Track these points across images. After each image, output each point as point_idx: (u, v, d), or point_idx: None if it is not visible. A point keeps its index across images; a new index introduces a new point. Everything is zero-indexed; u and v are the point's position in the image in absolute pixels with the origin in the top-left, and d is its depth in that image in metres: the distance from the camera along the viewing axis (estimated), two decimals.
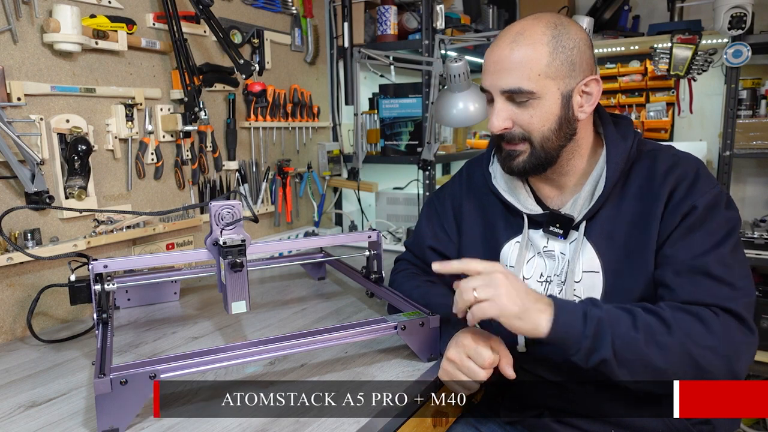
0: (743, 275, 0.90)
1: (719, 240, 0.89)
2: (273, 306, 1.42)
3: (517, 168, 0.99)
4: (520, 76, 0.92)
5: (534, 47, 0.92)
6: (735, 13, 1.79)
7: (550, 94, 0.93)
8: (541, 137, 0.96)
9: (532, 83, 0.92)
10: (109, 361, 0.87)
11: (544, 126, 0.95)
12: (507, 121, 0.96)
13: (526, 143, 0.97)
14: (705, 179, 0.93)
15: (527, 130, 0.96)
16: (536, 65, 0.92)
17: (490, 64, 0.96)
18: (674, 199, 0.93)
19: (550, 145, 0.96)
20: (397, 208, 2.23)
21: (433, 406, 1.08)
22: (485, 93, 0.99)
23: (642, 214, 0.95)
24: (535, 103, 0.93)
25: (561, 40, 0.92)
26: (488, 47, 0.98)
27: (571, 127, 0.97)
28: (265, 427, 0.85)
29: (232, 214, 1.10)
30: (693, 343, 0.83)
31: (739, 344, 0.86)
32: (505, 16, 2.52)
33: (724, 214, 0.92)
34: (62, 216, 1.32)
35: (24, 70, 1.23)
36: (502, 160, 1.03)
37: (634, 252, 0.95)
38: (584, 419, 1.02)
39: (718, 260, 0.88)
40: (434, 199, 1.26)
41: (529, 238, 1.05)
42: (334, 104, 2.23)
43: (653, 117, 2.35)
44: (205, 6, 1.52)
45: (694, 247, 0.90)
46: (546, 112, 0.94)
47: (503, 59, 0.93)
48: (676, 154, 0.98)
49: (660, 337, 0.83)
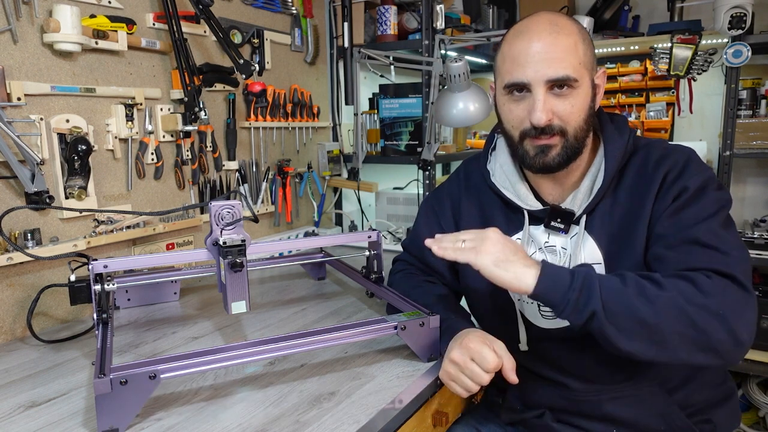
0: (736, 245, 0.88)
1: (709, 214, 0.89)
2: (273, 306, 1.42)
3: (553, 163, 0.97)
4: (568, 65, 0.92)
5: (572, 37, 0.93)
6: (735, 13, 1.79)
7: (585, 84, 0.95)
8: (576, 128, 0.95)
9: (576, 71, 0.92)
10: (109, 361, 0.87)
11: (580, 116, 0.95)
12: (550, 112, 0.93)
13: (559, 136, 0.95)
14: (696, 164, 0.95)
15: (566, 120, 0.94)
16: (576, 53, 0.93)
17: (532, 54, 0.92)
18: (666, 183, 0.94)
19: (581, 136, 0.96)
20: (397, 208, 2.23)
21: (433, 406, 1.08)
22: (513, 87, 0.95)
23: (637, 202, 0.96)
24: (574, 92, 0.93)
25: (582, 32, 0.95)
26: (513, 41, 0.96)
27: (592, 118, 0.98)
28: (265, 427, 0.85)
29: (232, 214, 1.10)
30: (685, 300, 0.81)
31: (734, 303, 0.82)
32: (505, 16, 2.52)
33: (714, 194, 0.92)
34: (62, 216, 1.32)
35: (24, 70, 1.23)
36: (531, 158, 0.98)
37: (631, 240, 0.95)
38: (585, 419, 1.02)
39: (708, 230, 0.88)
40: (431, 199, 1.25)
41: (530, 234, 1.05)
42: (334, 104, 2.23)
43: (653, 117, 2.35)
44: (205, 6, 1.52)
45: (684, 222, 0.90)
46: (583, 102, 0.95)
47: (548, 48, 0.92)
48: (668, 146, 1.00)
49: (650, 291, 0.82)
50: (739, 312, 0.82)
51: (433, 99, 1.84)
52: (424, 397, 0.99)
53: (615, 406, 0.99)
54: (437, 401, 1.09)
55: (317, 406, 0.90)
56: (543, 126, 0.93)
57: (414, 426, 1.00)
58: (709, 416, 1.01)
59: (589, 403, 1.01)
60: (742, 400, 2.18)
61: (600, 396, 1.00)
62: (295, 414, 0.88)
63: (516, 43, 0.95)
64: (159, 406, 0.91)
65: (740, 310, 0.83)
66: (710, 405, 1.02)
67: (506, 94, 0.97)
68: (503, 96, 0.98)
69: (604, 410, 1.00)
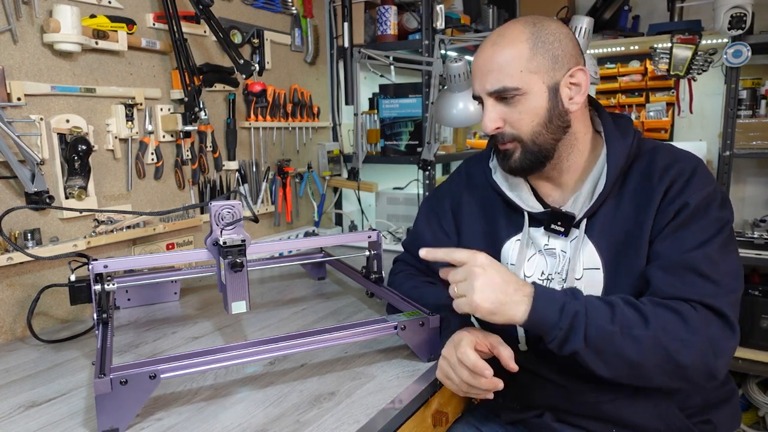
0: (729, 273, 0.90)
1: (708, 237, 0.90)
2: (273, 306, 1.42)
3: (514, 166, 1.01)
4: (503, 76, 0.95)
5: (513, 45, 0.95)
6: (735, 13, 1.79)
7: (536, 89, 0.95)
8: (531, 133, 0.97)
9: (516, 80, 0.94)
10: (109, 361, 0.87)
11: (534, 121, 0.96)
12: (498, 121, 0.98)
13: (515, 142, 0.99)
14: (701, 177, 0.94)
15: (517, 128, 0.97)
16: (517, 63, 0.94)
17: (476, 70, 0.99)
18: (669, 196, 0.94)
19: (542, 140, 0.97)
20: (397, 208, 2.23)
21: (433, 406, 1.08)
22: (476, 100, 1.02)
23: (640, 210, 0.96)
24: (522, 99, 0.95)
25: (540, 36, 0.95)
26: None
27: (564, 120, 0.98)
28: (265, 427, 0.85)
29: (232, 214, 1.10)
30: (668, 336, 0.84)
31: (716, 339, 0.85)
32: (505, 16, 2.52)
33: (715, 212, 0.92)
34: (62, 216, 1.32)
35: (24, 70, 1.23)
36: (500, 162, 1.05)
37: (632, 248, 0.95)
38: (585, 419, 1.02)
39: (704, 256, 0.89)
40: (432, 199, 1.26)
41: (530, 236, 1.05)
42: (334, 104, 2.23)
43: (653, 117, 2.35)
44: (205, 6, 1.52)
45: (682, 244, 0.91)
46: (534, 107, 0.96)
47: (486, 62, 0.97)
48: (675, 152, 0.99)
49: (636, 330, 0.84)
50: (719, 348, 0.85)
51: (433, 99, 1.84)
52: (424, 397, 0.99)
53: (614, 406, 0.99)
54: (437, 401, 1.09)
55: (317, 406, 0.90)
56: (492, 133, 1.00)
57: (414, 426, 1.00)
58: (708, 417, 1.01)
59: (589, 403, 1.01)
60: (742, 400, 2.18)
61: (599, 396, 1.00)
62: (295, 414, 0.88)
63: (473, 57, 1.02)
64: (159, 406, 0.91)
65: (721, 345, 0.86)
66: (710, 406, 1.02)
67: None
68: None
69: (604, 410, 1.00)
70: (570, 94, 0.97)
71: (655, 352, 0.84)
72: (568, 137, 0.99)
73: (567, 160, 1.02)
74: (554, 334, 0.86)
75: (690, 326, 0.84)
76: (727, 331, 0.87)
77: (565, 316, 0.85)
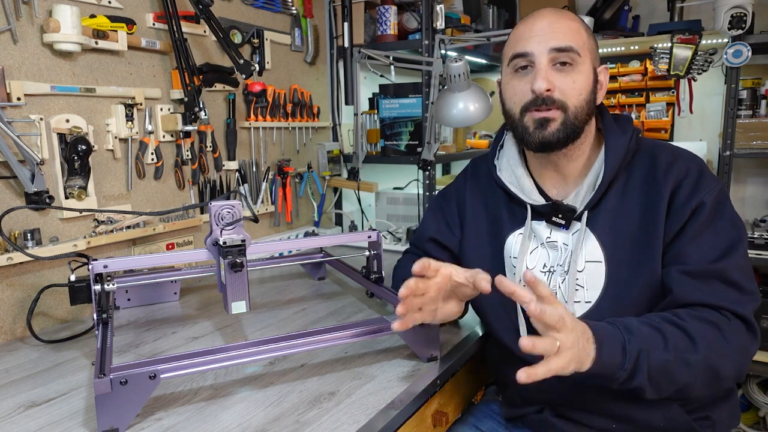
0: (750, 277, 0.93)
1: (732, 241, 0.92)
2: (273, 306, 1.42)
3: (552, 137, 0.97)
4: (573, 36, 0.96)
5: (576, 22, 0.99)
6: (735, 13, 1.79)
7: (587, 65, 0.98)
8: (576, 105, 0.97)
9: (580, 46, 0.97)
10: (109, 361, 0.87)
11: (581, 95, 0.97)
12: (550, 83, 0.96)
13: (560, 111, 0.96)
14: (709, 176, 0.96)
15: (566, 95, 0.96)
16: (581, 34, 0.98)
17: (536, 30, 0.97)
18: (680, 195, 0.94)
19: (581, 116, 0.98)
20: (397, 208, 2.23)
21: (433, 406, 1.08)
22: (517, 60, 0.98)
23: (646, 205, 0.96)
24: (577, 69, 0.96)
25: (587, 27, 1.00)
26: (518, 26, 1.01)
27: (593, 107, 1.00)
28: (265, 427, 0.85)
29: (232, 214, 1.10)
30: (714, 355, 0.86)
31: (746, 350, 0.90)
32: (505, 16, 2.52)
33: (730, 212, 0.95)
34: (62, 216, 1.32)
35: (24, 70, 1.23)
36: (531, 133, 0.99)
37: (637, 243, 0.96)
38: (585, 414, 1.02)
39: (730, 263, 0.90)
40: (440, 197, 1.27)
41: (532, 229, 1.06)
42: (334, 104, 2.23)
43: (653, 117, 2.35)
44: (205, 6, 1.52)
45: (706, 248, 0.92)
46: (584, 81, 0.97)
47: (552, 25, 0.97)
48: (676, 150, 1.01)
49: (687, 354, 0.85)
50: (747, 356, 0.90)
51: (433, 99, 1.84)
52: (424, 397, 0.99)
53: (614, 402, 0.99)
54: (437, 401, 1.09)
55: (317, 406, 0.90)
56: (544, 95, 0.95)
57: (414, 426, 1.00)
58: (708, 413, 1.01)
59: (589, 398, 1.01)
60: (742, 400, 2.18)
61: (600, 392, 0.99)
62: (295, 414, 0.88)
63: (521, 26, 1.01)
64: (159, 406, 0.91)
65: (748, 354, 0.90)
66: (710, 402, 1.02)
67: (511, 72, 1.01)
68: (508, 75, 1.02)
69: (604, 406, 1.00)
70: (599, 85, 1.01)
71: (706, 374, 0.86)
72: (588, 125, 1.01)
73: (579, 149, 1.03)
74: (619, 375, 0.83)
75: (727, 339, 0.87)
76: (752, 335, 0.90)
77: (629, 356, 0.82)
